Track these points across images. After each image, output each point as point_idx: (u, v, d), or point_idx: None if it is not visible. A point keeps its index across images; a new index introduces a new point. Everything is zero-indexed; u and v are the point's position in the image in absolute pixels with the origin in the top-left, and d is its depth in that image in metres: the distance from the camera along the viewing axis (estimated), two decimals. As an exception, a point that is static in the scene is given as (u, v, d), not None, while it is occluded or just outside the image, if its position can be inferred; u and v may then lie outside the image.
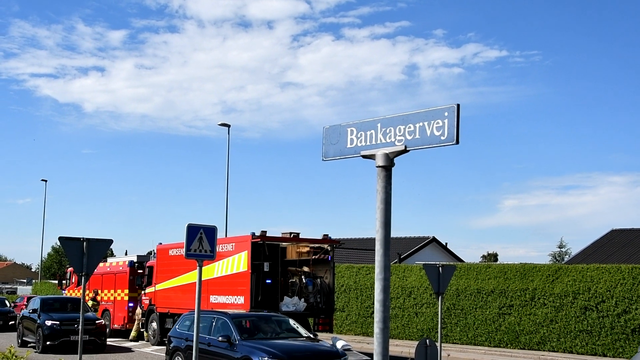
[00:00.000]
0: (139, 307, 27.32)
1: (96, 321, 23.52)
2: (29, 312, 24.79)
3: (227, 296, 21.23)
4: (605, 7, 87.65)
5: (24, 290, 63.36)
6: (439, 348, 13.63)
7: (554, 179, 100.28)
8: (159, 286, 25.38)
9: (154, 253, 27.23)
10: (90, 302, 27.54)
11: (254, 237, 20.54)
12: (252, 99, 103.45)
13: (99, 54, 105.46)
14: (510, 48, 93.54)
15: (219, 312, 16.73)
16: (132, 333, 27.50)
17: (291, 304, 20.74)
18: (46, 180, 58.57)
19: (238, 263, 20.91)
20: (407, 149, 5.13)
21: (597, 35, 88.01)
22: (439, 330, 15.78)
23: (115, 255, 48.76)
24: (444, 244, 48.06)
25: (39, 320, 23.45)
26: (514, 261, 36.03)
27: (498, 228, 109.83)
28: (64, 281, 35.23)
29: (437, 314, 15.67)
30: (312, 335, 16.61)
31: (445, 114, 4.92)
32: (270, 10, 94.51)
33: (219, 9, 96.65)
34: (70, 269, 33.74)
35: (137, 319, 27.41)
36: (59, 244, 17.86)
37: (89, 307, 26.03)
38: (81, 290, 13.80)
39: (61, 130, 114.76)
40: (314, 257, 22.22)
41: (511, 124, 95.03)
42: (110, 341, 25.49)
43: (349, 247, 39.76)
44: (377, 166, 5.21)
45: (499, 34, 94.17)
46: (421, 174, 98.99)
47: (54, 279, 58.18)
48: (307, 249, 22.39)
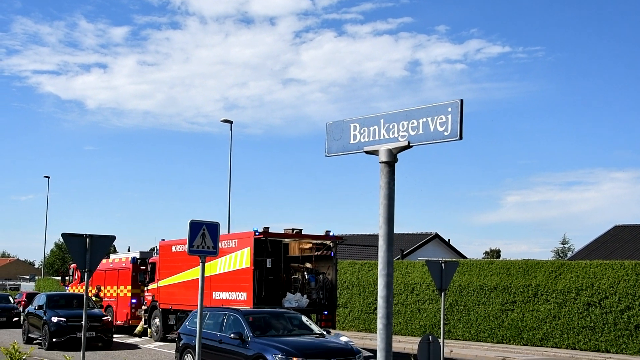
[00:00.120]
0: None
1: (103, 318, 23.47)
2: (35, 309, 24.60)
3: (230, 292, 21.24)
4: (608, 3, 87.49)
5: (27, 287, 63.46)
6: (441, 344, 13.62)
7: (557, 174, 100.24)
8: (162, 282, 25.41)
9: (157, 249, 27.25)
10: (93, 299, 27.53)
11: (257, 234, 20.55)
12: (255, 95, 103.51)
13: (101, 51, 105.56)
14: (513, 44, 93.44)
15: (230, 309, 16.53)
16: (138, 327, 27.49)
17: (294, 300, 20.74)
18: (49, 177, 58.75)
19: (241, 259, 20.92)
20: (411, 144, 5.11)
21: (600, 32, 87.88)
22: (441, 326, 15.76)
23: (118, 252, 48.76)
24: (447, 240, 48.10)
25: (45, 317, 23.35)
26: (517, 257, 36.06)
27: (501, 224, 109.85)
28: (67, 277, 35.32)
29: (440, 310, 15.65)
30: (325, 331, 16.42)
31: (449, 109, 4.89)
32: (273, 6, 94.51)
33: (221, 5, 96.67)
34: (73, 265, 33.82)
35: (144, 315, 27.42)
36: (61, 240, 17.94)
37: (95, 304, 25.99)
38: (84, 287, 13.79)
39: (63, 126, 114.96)
40: (316, 254, 22.23)
41: (514, 120, 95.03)
42: (113, 337, 25.47)
43: (352, 244, 39.81)
44: (380, 162, 5.20)
45: (501, 30, 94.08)
46: (424, 170, 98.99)
47: (57, 276, 58.23)
48: (310, 245, 22.41)
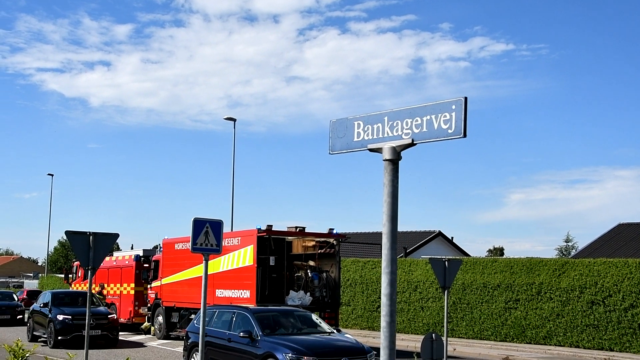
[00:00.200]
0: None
1: (109, 316, 23.34)
2: (40, 307, 24.34)
3: (233, 290, 21.24)
4: (611, 1, 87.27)
5: (31, 285, 63.51)
6: (445, 342, 13.61)
7: (561, 172, 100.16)
8: (165, 280, 25.42)
9: (160, 247, 27.27)
10: (98, 297, 27.53)
11: (260, 232, 20.55)
12: (258, 93, 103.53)
13: (105, 49, 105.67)
14: (516, 41, 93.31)
15: (239, 307, 16.32)
16: (145, 323, 27.47)
17: (297, 298, 20.74)
18: (52, 175, 58.81)
19: (244, 257, 20.92)
20: (414, 142, 5.10)
21: (604, 29, 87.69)
22: (445, 324, 15.75)
23: (121, 250, 48.81)
24: (450, 238, 48.05)
25: (50, 315, 23.10)
26: (520, 255, 36.00)
27: (504, 222, 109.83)
28: (71, 275, 35.35)
29: (443, 308, 15.65)
30: (336, 330, 16.19)
31: (453, 107, 4.87)
32: (276, 4, 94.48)
33: (224, 3, 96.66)
34: (76, 263, 33.85)
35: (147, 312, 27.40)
36: (65, 238, 17.92)
37: (101, 302, 25.95)
38: (87, 284, 13.81)
39: (67, 124, 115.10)
40: (319, 251, 22.24)
41: (518, 118, 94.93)
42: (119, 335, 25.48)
43: (355, 241, 39.78)
44: (384, 160, 5.18)
45: (505, 27, 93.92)
46: (427, 168, 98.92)
47: (60, 273, 58.30)
48: (313, 243, 22.42)
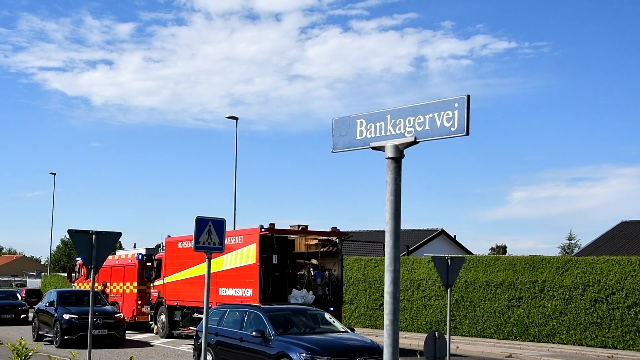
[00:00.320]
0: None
1: (115, 315, 23.21)
2: (45, 306, 24.13)
3: (236, 289, 21.25)
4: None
5: (33, 283, 63.60)
6: (447, 340, 13.60)
7: (564, 170, 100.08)
8: (168, 279, 25.43)
9: (163, 246, 27.28)
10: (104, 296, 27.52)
11: (263, 230, 20.55)
12: (260, 91, 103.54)
13: (107, 47, 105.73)
14: (519, 39, 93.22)
15: (251, 306, 16.06)
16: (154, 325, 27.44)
17: (300, 296, 20.74)
18: (55, 174, 58.69)
19: (247, 255, 20.93)
20: (417, 140, 5.09)
21: (607, 26, 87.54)
22: (447, 322, 15.74)
23: (124, 248, 48.84)
24: (453, 236, 48.01)
25: (56, 314, 22.84)
26: (523, 253, 36.02)
27: (507, 220, 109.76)
28: (73, 274, 35.35)
29: (446, 307, 15.64)
30: (349, 329, 16.00)
31: (456, 105, 4.87)
32: (278, 2, 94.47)
33: (226, 2, 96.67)
34: (79, 261, 33.86)
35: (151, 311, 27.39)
36: (68, 236, 17.90)
37: (107, 301, 25.90)
38: (90, 283, 13.82)
39: (70, 123, 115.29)
40: (322, 250, 22.22)
41: (520, 116, 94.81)
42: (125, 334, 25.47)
43: (358, 240, 39.74)
44: (387, 158, 5.18)
45: (507, 25, 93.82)
46: (430, 166, 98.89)
47: (63, 272, 58.38)
48: (316, 241, 22.40)
